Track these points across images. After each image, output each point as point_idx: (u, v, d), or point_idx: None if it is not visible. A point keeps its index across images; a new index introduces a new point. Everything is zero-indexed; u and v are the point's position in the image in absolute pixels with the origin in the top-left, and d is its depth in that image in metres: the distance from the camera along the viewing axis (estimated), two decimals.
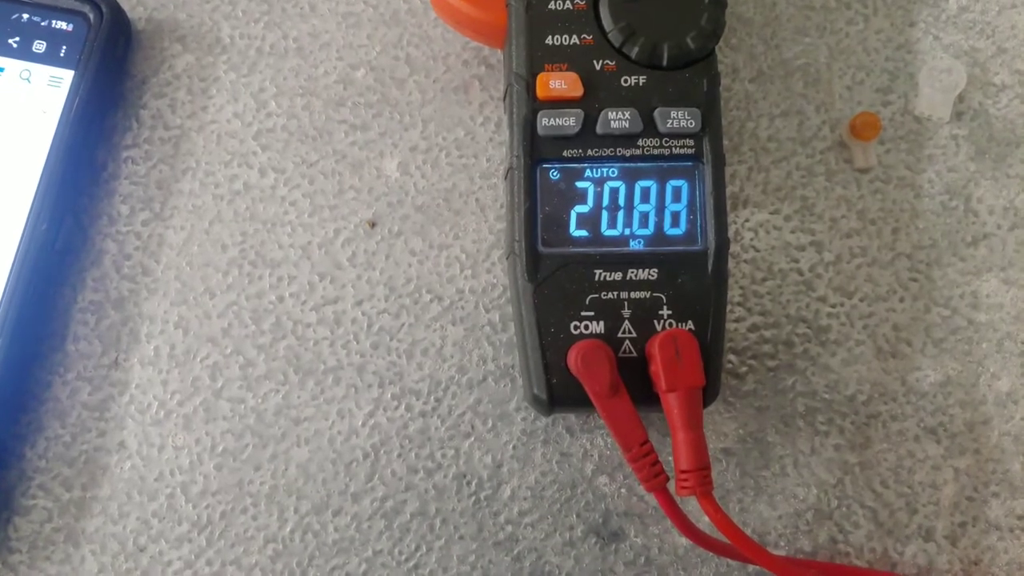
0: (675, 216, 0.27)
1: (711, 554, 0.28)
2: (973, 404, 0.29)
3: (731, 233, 0.30)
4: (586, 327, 0.26)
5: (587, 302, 0.26)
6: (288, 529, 0.29)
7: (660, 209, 0.27)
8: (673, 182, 0.27)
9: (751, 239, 0.30)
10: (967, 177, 0.30)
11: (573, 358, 0.25)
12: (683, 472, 0.24)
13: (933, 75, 0.31)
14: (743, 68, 0.31)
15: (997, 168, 0.31)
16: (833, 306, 0.30)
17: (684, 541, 0.29)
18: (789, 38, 0.31)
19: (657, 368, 0.24)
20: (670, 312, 0.26)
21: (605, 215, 0.26)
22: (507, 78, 0.28)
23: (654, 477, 0.24)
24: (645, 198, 0.27)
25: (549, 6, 0.27)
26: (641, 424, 0.25)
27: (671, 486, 0.25)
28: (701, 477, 0.24)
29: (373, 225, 0.30)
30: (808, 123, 0.31)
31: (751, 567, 0.28)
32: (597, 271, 0.26)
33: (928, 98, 0.31)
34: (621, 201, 0.27)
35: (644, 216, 0.27)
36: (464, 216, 0.30)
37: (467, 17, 0.28)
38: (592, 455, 0.29)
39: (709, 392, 0.26)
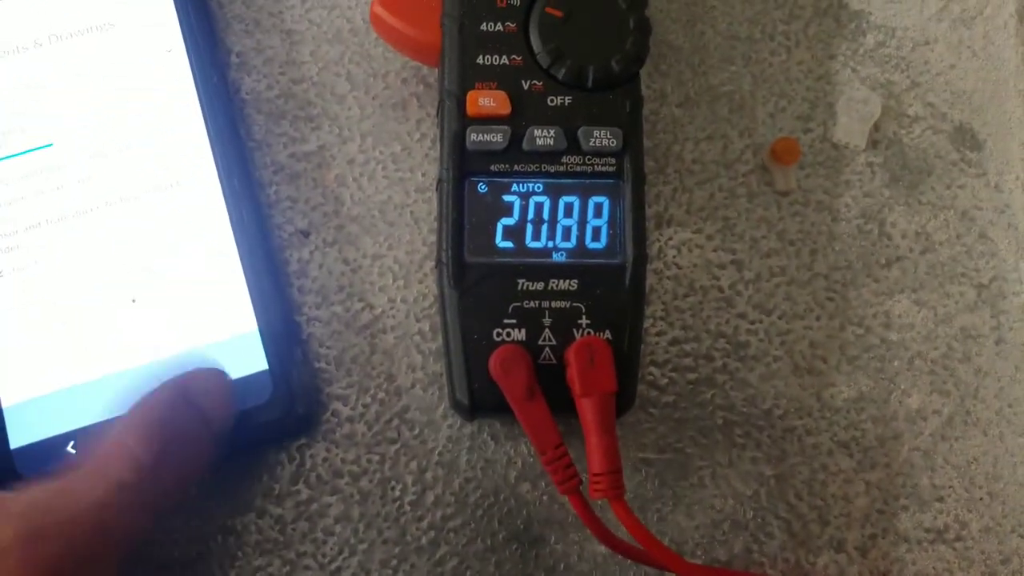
0: (596, 231, 0.28)
1: (630, 563, 0.29)
2: (884, 420, 0.30)
3: (654, 250, 0.31)
4: (508, 334, 0.27)
5: (510, 310, 0.27)
6: (212, 527, 0.29)
7: (582, 223, 0.28)
8: (595, 198, 0.28)
9: (674, 256, 0.31)
10: (881, 203, 0.32)
11: (493, 362, 0.26)
12: (595, 475, 0.25)
13: (851, 105, 0.32)
14: (671, 93, 0.32)
15: (910, 195, 0.32)
16: (752, 323, 0.31)
17: (603, 549, 0.29)
18: (716, 66, 0.33)
19: (572, 373, 0.25)
20: (589, 322, 0.27)
21: (529, 228, 0.27)
22: (440, 94, 0.29)
23: (568, 480, 0.25)
24: (568, 213, 0.28)
25: (481, 27, 0.28)
26: (556, 428, 0.25)
27: (584, 490, 0.25)
28: (612, 480, 0.25)
29: (307, 235, 0.31)
30: (732, 147, 0.32)
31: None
32: (520, 280, 0.27)
33: (846, 127, 0.32)
34: (545, 215, 0.27)
35: (567, 230, 0.27)
36: (398, 228, 0.31)
37: (404, 36, 0.29)
38: (516, 462, 0.30)
39: (623, 400, 0.27)
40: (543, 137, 0.28)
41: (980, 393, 0.31)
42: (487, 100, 0.28)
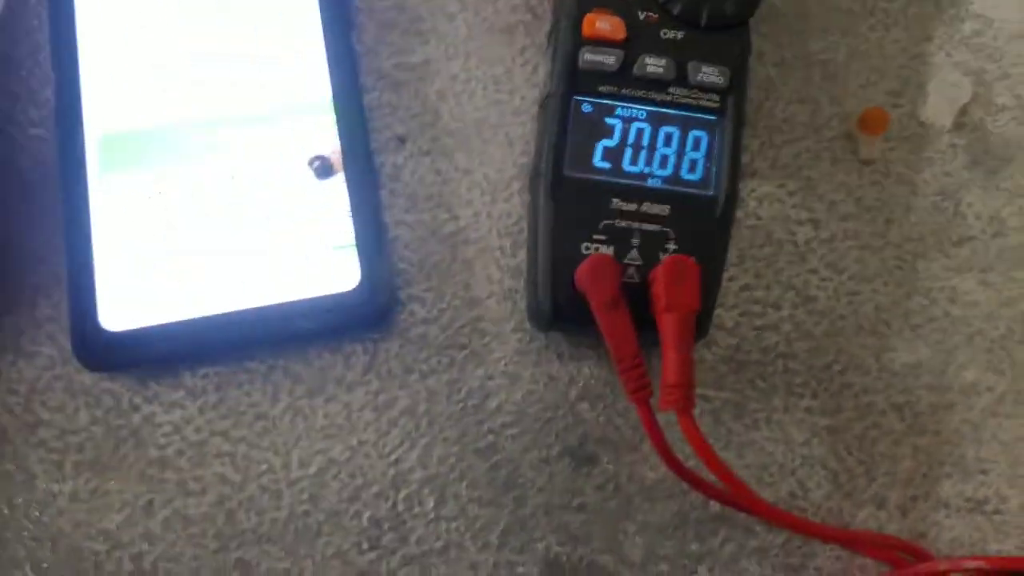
0: (693, 163, 0.28)
1: (676, 490, 0.30)
2: (939, 389, 0.31)
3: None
4: (596, 249, 0.28)
5: (601, 226, 0.28)
6: (279, 408, 0.30)
7: (680, 154, 0.28)
8: (695, 131, 0.29)
9: (755, 207, 0.32)
10: (960, 183, 0.33)
11: (581, 271, 0.27)
12: (670, 386, 0.26)
13: (941, 87, 0.33)
14: (768, 53, 0.33)
15: (988, 180, 0.33)
16: (823, 279, 0.32)
17: (652, 474, 0.30)
18: (814, 33, 0.34)
19: (659, 288, 0.26)
20: (676, 248, 0.28)
21: (628, 151, 0.28)
22: (555, 14, 0.30)
23: (642, 388, 0.26)
24: (668, 142, 0.28)
25: None
26: (636, 339, 0.26)
27: (654, 401, 0.26)
28: (685, 392, 0.26)
29: (403, 141, 0.32)
30: (821, 112, 0.33)
31: (713, 506, 0.30)
32: (615, 199, 0.28)
33: (934, 106, 0.33)
34: (645, 141, 0.28)
35: (664, 158, 0.28)
36: (491, 146, 0.32)
37: None
38: (578, 382, 0.31)
39: (700, 327, 0.27)
40: (653, 65, 0.29)
41: None
42: (604, 23, 0.29)
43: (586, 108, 0.28)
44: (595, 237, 0.28)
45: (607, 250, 0.28)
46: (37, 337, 0.30)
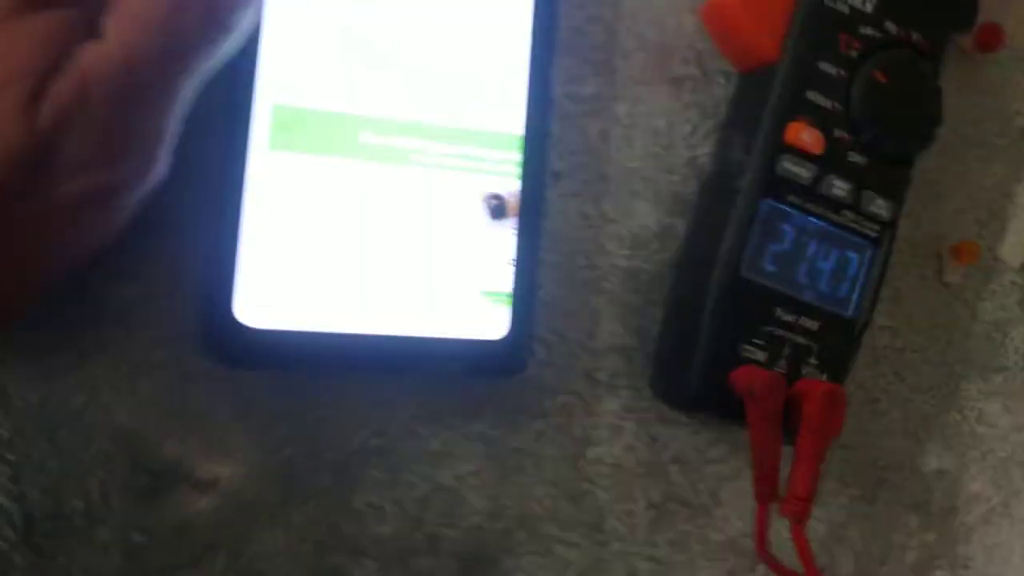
0: (844, 285, 0.30)
1: (733, 552, 0.33)
2: (951, 495, 0.36)
3: None
4: (752, 353, 0.29)
5: (762, 332, 0.29)
6: (396, 427, 0.30)
7: (836, 274, 0.30)
8: (852, 255, 0.30)
9: None
10: (1011, 318, 0.37)
11: (753, 378, 0.28)
12: (798, 498, 0.28)
13: (1021, 227, 0.37)
14: None
15: None
16: (888, 384, 0.35)
17: (717, 536, 0.33)
18: (929, 153, 0.36)
19: (813, 409, 0.28)
20: (816, 362, 0.30)
21: (796, 262, 0.30)
22: (742, 109, 0.30)
23: (769, 493, 0.29)
24: (829, 260, 0.30)
25: (818, 64, 0.29)
26: (780, 449, 0.28)
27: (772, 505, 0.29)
28: (808, 506, 0.28)
29: (558, 177, 0.31)
30: (919, 228, 0.36)
31: (760, 567, 0.34)
32: (778, 308, 0.29)
33: (1010, 244, 0.37)
34: (810, 255, 0.30)
35: (824, 275, 0.30)
36: (640, 200, 0.32)
37: (740, 35, 0.30)
38: (672, 445, 0.33)
39: None
40: (839, 187, 0.30)
41: (1021, 494, 0.37)
42: (807, 135, 0.29)
43: (772, 213, 0.29)
44: (754, 341, 0.29)
45: (761, 355, 0.29)
46: (149, 311, 0.28)
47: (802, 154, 0.29)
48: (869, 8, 0.30)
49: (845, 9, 0.29)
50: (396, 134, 0.28)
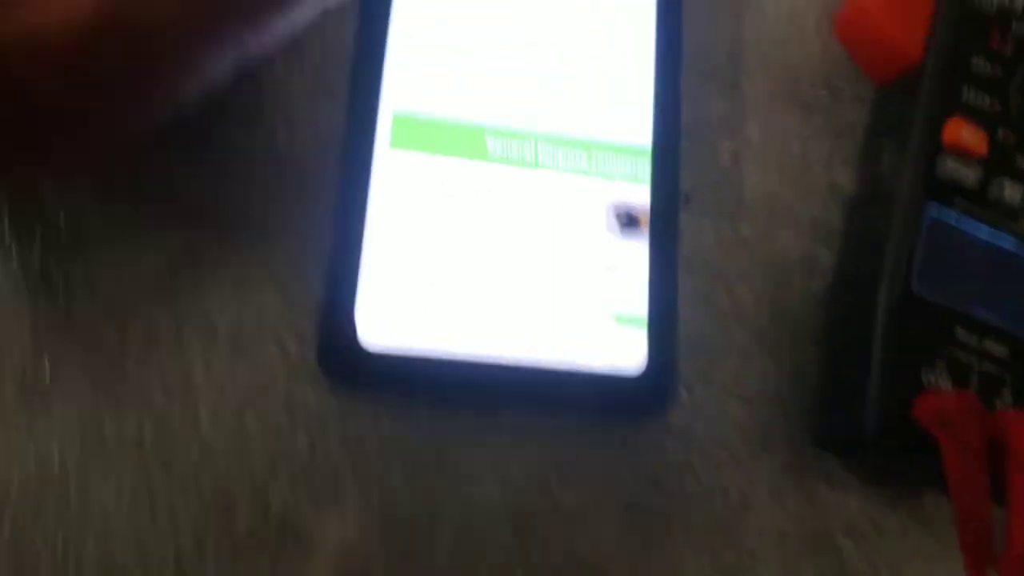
0: None
1: None
2: None
3: None
4: (935, 378, 0.25)
5: (943, 354, 0.25)
6: (520, 473, 0.25)
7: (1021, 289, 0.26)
8: None
9: None
10: None
11: (941, 404, 0.24)
12: (1021, 557, 0.23)
13: None
14: None
15: None
16: None
17: None
18: None
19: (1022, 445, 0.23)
20: (1012, 400, 0.25)
21: (977, 278, 0.26)
22: (887, 120, 0.27)
23: (986, 553, 0.23)
24: (1017, 278, 0.26)
25: (970, 61, 0.27)
26: (989, 496, 0.23)
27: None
28: None
29: (688, 200, 0.28)
30: None
31: None
32: (959, 329, 0.25)
33: None
34: (993, 271, 0.26)
35: (1011, 294, 0.26)
36: (777, 224, 0.29)
37: (881, 38, 0.27)
38: (842, 512, 0.27)
39: None
40: (1011, 191, 0.26)
41: None
42: (968, 134, 0.26)
43: (935, 218, 0.26)
44: (936, 365, 0.25)
45: (946, 383, 0.25)
46: (260, 333, 0.25)
47: (964, 155, 0.26)
48: (1018, 7, 0.27)
49: (992, 8, 0.27)
50: (524, 140, 0.26)
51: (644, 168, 0.26)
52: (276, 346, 0.25)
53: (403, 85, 0.26)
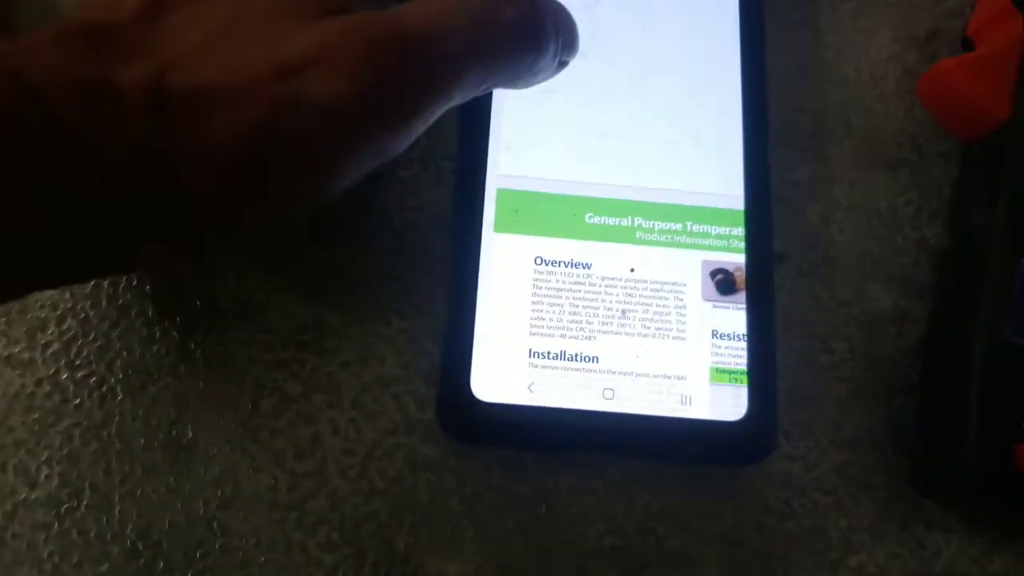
0: None
1: None
2: None
3: None
4: None
5: None
6: (630, 524, 0.27)
7: None
8: None
9: None
10: None
11: None
12: None
13: None
14: None
15: None
16: None
17: None
18: None
19: None
20: None
21: None
22: (975, 177, 0.29)
23: None
24: None
25: None
26: None
27: None
28: None
29: (783, 261, 0.30)
30: None
31: None
32: None
33: None
34: None
35: None
36: (871, 282, 0.30)
37: (967, 101, 0.29)
38: (944, 555, 0.28)
39: None
40: None
41: None
42: None
43: None
44: None
45: None
46: (381, 396, 0.28)
47: None
48: None
49: None
50: (620, 214, 0.29)
51: (737, 232, 0.29)
52: (396, 407, 0.28)
53: (505, 161, 0.29)
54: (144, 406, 0.27)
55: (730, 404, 0.27)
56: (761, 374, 0.27)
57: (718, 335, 0.28)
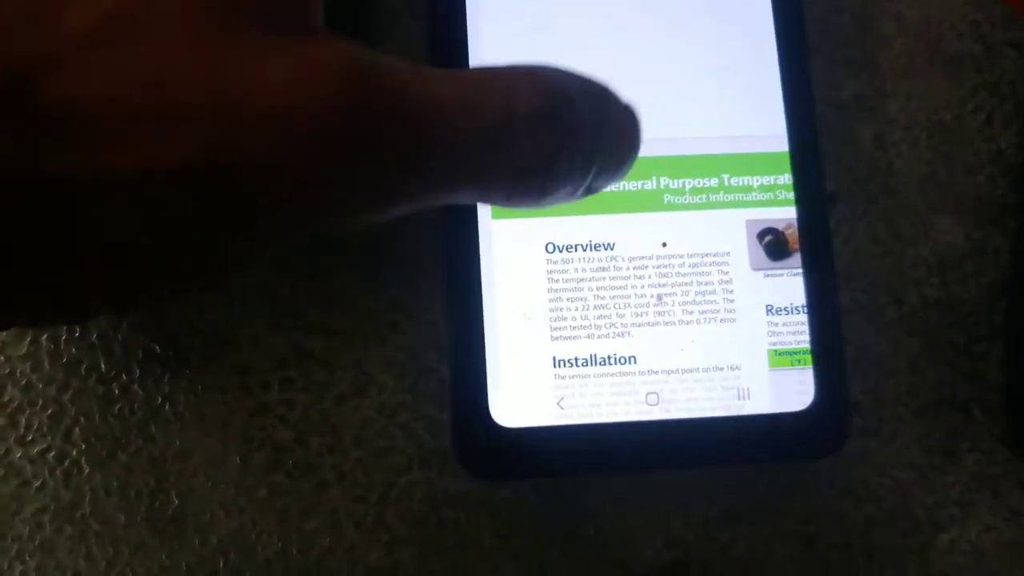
0: None
1: None
2: None
3: None
4: None
5: None
6: (689, 534, 0.24)
7: None
8: None
9: None
10: None
11: None
12: None
13: None
14: None
15: None
16: None
17: None
18: None
19: None
20: None
21: None
22: None
23: None
24: None
25: None
26: None
27: None
28: None
29: (834, 201, 0.26)
30: None
31: None
32: None
33: None
34: None
35: None
36: (939, 213, 0.26)
37: None
38: None
39: None
40: None
41: None
42: None
43: None
44: None
45: None
46: (388, 430, 0.24)
47: None
48: None
49: None
50: (642, 176, 0.24)
51: (784, 180, 0.24)
52: (407, 439, 0.24)
53: None
54: (117, 477, 0.23)
55: (794, 391, 0.23)
56: (827, 352, 0.23)
57: (773, 310, 0.23)
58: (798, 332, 0.23)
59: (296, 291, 0.24)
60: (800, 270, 0.23)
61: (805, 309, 0.23)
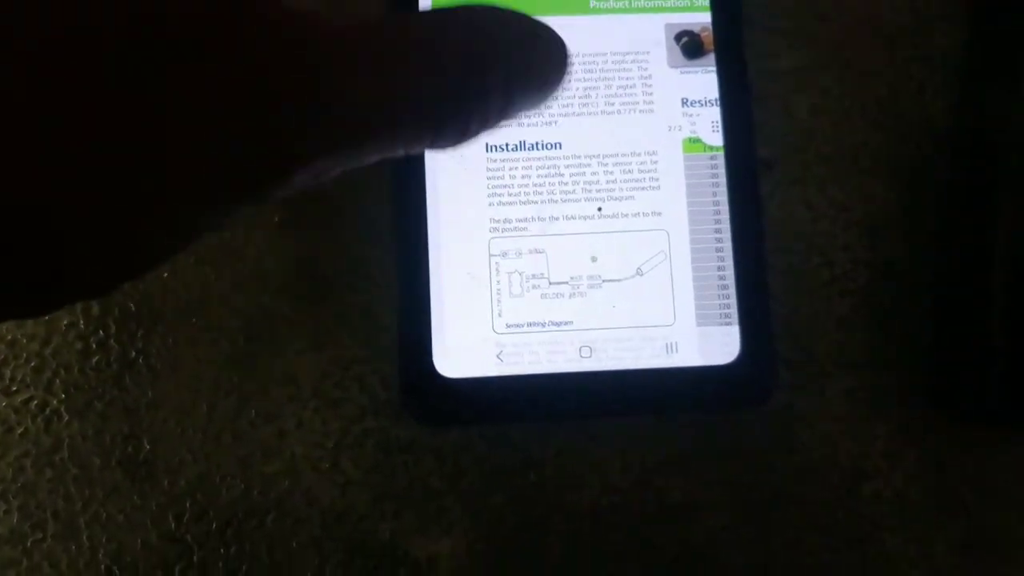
0: None
1: None
2: None
3: None
4: None
5: None
6: (627, 480, 0.26)
7: None
8: None
9: None
10: None
11: None
12: None
13: None
14: None
15: None
16: None
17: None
18: None
19: None
20: None
21: None
22: (988, 49, 0.24)
23: None
24: None
25: None
26: None
27: None
28: None
29: (770, 167, 0.27)
30: None
31: None
32: None
33: None
34: None
35: None
36: (871, 179, 0.27)
37: None
38: (968, 471, 0.26)
39: None
40: None
41: None
42: None
43: None
44: None
45: None
46: (344, 382, 0.26)
47: None
48: None
49: None
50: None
51: None
52: (361, 391, 0.26)
53: None
54: (93, 425, 0.25)
55: (720, 345, 0.24)
56: (752, 309, 0.25)
57: (688, 103, 0.25)
58: (714, 121, 0.25)
59: (262, 255, 0.26)
60: (713, 68, 0.25)
61: (717, 102, 0.25)
